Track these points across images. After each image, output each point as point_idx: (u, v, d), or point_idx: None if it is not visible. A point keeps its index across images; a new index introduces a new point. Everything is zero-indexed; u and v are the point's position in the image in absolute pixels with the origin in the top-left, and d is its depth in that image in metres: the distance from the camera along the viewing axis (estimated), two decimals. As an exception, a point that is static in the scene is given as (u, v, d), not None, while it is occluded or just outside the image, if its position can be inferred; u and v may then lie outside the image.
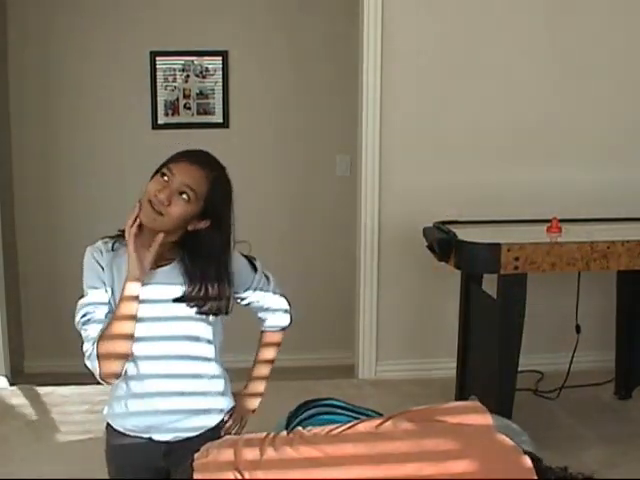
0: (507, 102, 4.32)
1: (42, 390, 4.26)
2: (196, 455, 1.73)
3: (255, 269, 2.24)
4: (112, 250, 2.09)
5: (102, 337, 2.01)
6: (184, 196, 1.99)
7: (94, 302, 2.05)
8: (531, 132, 4.35)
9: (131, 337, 2.03)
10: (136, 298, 2.01)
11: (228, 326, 2.27)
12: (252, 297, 2.26)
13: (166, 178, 2.00)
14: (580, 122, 4.38)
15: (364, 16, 4.17)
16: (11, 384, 4.36)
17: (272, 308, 2.31)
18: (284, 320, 2.34)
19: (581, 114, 4.37)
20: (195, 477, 1.66)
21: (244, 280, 2.22)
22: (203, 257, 2.07)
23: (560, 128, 4.37)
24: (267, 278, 2.29)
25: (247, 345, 2.41)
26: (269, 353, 2.34)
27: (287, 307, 2.34)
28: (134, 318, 2.02)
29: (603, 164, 4.39)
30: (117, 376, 2.05)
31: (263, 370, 2.34)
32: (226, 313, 2.13)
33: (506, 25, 4.27)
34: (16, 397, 4.21)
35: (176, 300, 2.06)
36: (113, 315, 2.02)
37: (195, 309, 2.08)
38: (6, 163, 4.80)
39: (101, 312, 2.05)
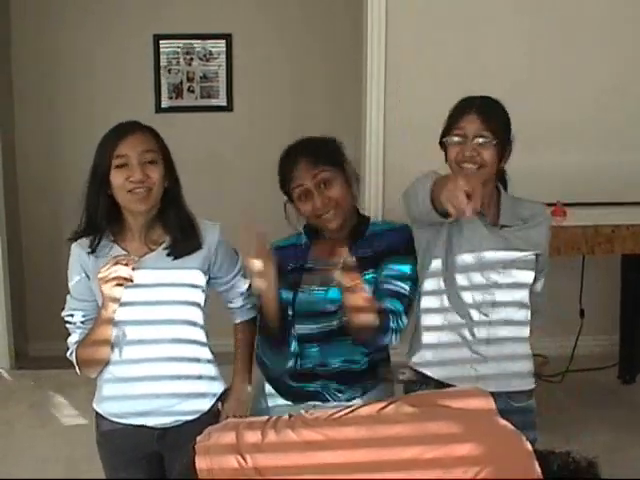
0: (510, 87, 4.27)
1: (46, 373, 4.27)
2: (198, 438, 1.74)
3: (237, 253, 2.28)
4: (93, 251, 2.14)
5: (80, 351, 2.15)
6: (151, 161, 2.04)
7: (78, 300, 2.23)
8: (534, 115, 4.30)
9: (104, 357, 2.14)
10: (108, 341, 2.10)
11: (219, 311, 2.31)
12: (239, 282, 2.28)
13: (124, 162, 2.02)
14: (584, 105, 4.34)
15: (368, 2, 4.13)
16: (15, 367, 4.38)
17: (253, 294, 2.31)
18: (254, 312, 2.33)
19: (585, 97, 4.34)
20: (197, 460, 1.66)
21: (229, 265, 2.25)
22: (170, 209, 2.12)
23: (564, 111, 4.34)
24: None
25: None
26: (249, 336, 2.34)
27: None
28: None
29: (607, 148, 4.36)
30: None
31: (247, 350, 2.33)
32: (199, 247, 2.14)
33: (508, 19, 4.22)
34: (20, 380, 4.22)
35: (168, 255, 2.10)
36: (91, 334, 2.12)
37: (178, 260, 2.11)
38: (10, 148, 4.78)
39: (82, 314, 2.21)
